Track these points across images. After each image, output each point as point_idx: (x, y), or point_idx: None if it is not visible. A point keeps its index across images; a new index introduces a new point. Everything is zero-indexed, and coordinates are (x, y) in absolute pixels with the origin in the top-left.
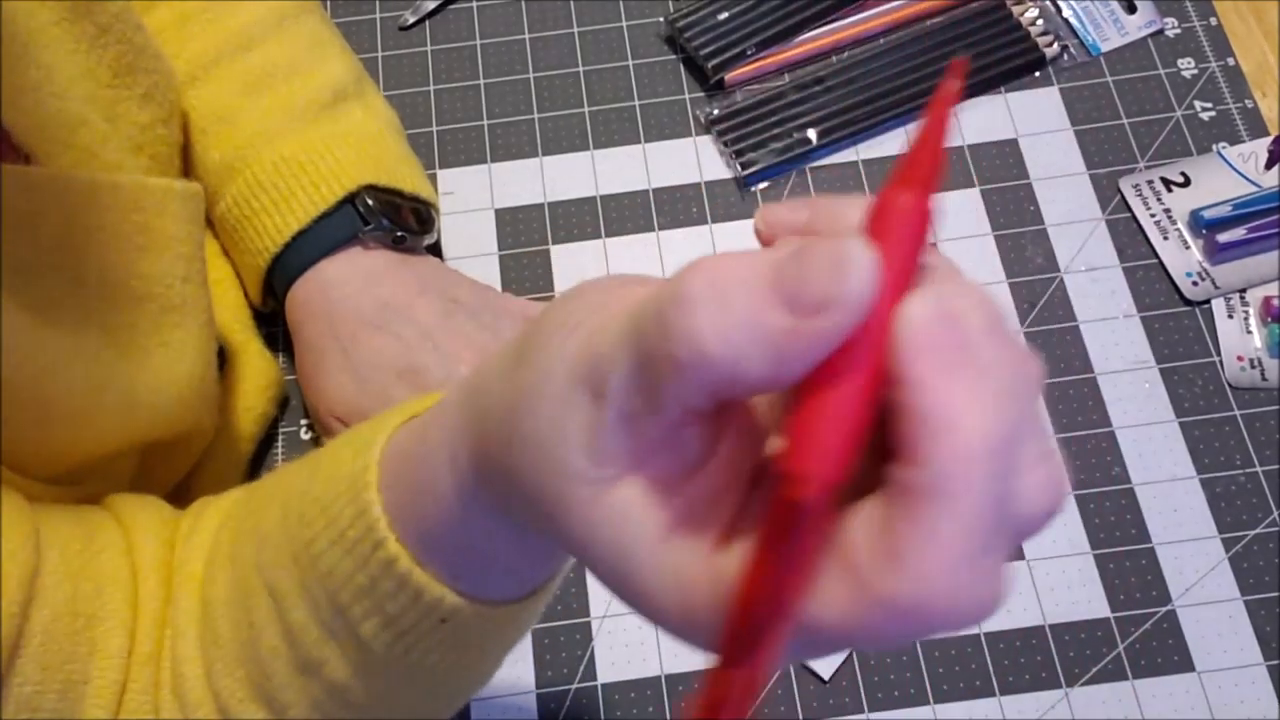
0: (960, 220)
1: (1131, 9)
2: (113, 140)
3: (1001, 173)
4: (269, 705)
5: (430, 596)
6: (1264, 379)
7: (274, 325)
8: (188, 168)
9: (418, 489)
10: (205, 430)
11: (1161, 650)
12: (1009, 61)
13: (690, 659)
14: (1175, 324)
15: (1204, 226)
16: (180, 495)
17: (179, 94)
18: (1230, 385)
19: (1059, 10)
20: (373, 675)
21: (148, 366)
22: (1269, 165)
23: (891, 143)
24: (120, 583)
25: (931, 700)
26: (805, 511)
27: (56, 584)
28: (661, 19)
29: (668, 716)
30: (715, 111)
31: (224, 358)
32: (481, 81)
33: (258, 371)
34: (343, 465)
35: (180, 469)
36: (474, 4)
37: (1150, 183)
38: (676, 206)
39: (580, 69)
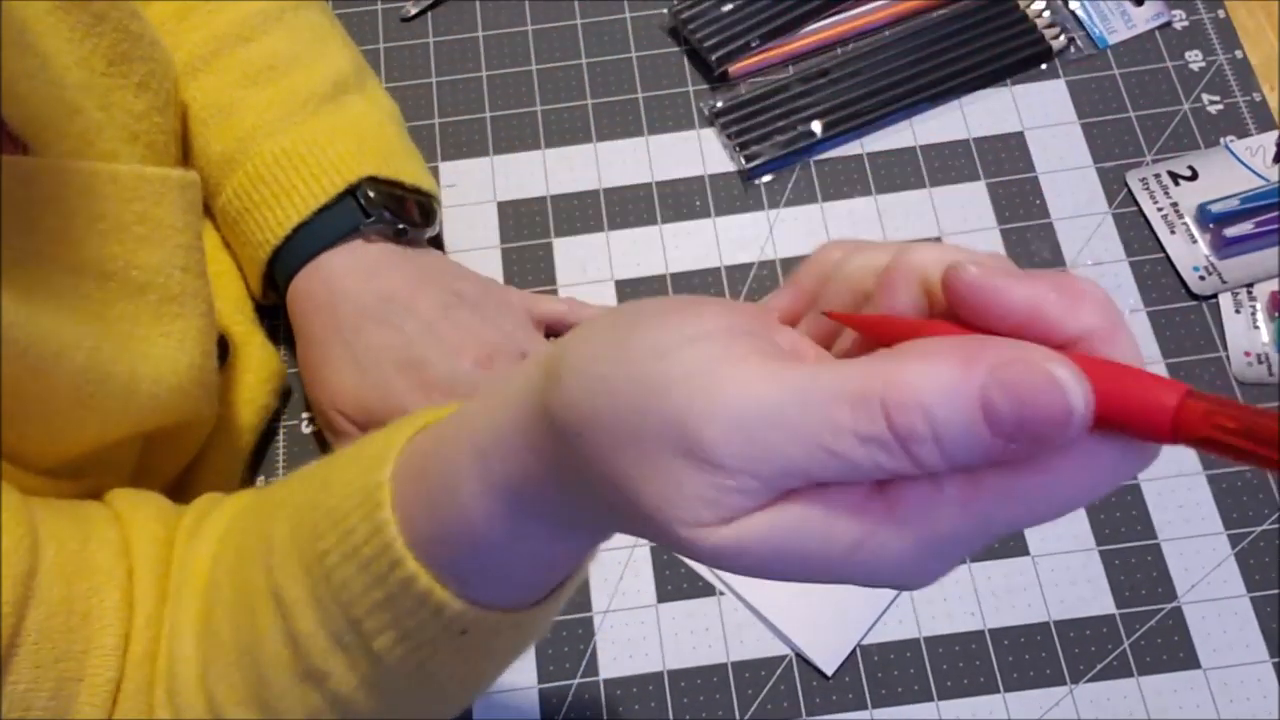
0: (966, 213)
1: (1139, 1)
2: (108, 129)
3: (1007, 166)
4: (263, 709)
5: (451, 612)
6: (1271, 374)
7: (275, 318)
8: (186, 158)
9: (435, 503)
10: (206, 419)
11: (1167, 647)
12: (1015, 54)
13: (692, 655)
14: (1182, 319)
15: (1211, 220)
16: (181, 487)
17: (175, 82)
18: (1237, 381)
19: (1066, 2)
20: (379, 687)
21: (149, 356)
22: (1277, 159)
23: (896, 135)
24: (116, 581)
25: (935, 697)
26: None
27: (52, 582)
28: (665, 11)
29: (669, 712)
30: (719, 104)
31: (226, 350)
32: (484, 73)
33: (260, 364)
34: (355, 480)
35: (181, 459)
36: None
37: (1157, 176)
38: (680, 200)
39: (583, 61)
